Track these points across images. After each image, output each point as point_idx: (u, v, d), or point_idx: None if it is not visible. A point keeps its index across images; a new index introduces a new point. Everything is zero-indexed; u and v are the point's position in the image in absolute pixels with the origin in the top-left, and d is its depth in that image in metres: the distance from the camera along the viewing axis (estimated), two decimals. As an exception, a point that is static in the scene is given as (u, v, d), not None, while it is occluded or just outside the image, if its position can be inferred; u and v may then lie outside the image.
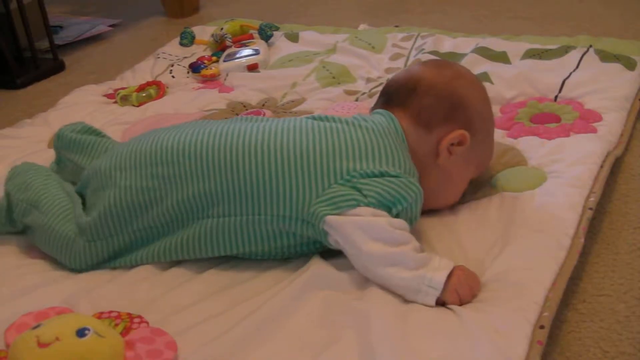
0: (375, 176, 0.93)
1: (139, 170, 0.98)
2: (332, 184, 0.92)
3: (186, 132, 1.00)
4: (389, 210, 0.91)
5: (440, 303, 0.86)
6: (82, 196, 1.04)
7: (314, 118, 1.03)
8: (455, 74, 1.04)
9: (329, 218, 0.90)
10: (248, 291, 0.92)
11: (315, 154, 0.94)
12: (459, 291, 0.86)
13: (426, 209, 0.99)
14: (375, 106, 1.07)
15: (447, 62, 1.11)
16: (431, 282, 0.85)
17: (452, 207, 1.06)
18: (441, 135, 1.00)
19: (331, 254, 0.95)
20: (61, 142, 1.15)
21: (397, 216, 0.92)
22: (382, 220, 0.89)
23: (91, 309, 0.90)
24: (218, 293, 0.92)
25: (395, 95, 1.03)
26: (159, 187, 0.96)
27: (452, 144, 1.00)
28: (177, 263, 0.99)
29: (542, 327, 0.82)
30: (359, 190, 0.91)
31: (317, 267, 0.93)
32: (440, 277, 0.86)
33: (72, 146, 1.14)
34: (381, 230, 0.88)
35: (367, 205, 0.90)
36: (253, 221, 0.94)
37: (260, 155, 0.94)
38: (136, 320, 0.87)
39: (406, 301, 0.87)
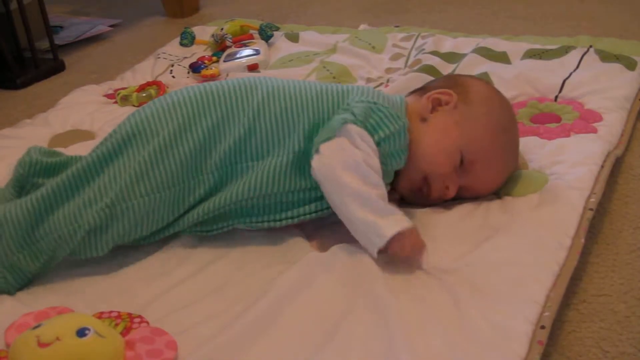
0: (369, 102, 1.00)
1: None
2: (334, 115, 1.00)
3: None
4: (371, 134, 0.97)
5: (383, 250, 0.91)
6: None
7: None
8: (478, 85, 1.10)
9: (322, 145, 0.96)
10: (247, 288, 0.92)
11: (327, 96, 1.03)
12: (405, 241, 0.90)
13: (421, 173, 1.03)
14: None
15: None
16: (380, 232, 0.89)
17: (453, 208, 1.06)
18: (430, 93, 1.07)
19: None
20: (33, 169, 1.03)
21: (378, 143, 0.97)
22: (359, 153, 0.94)
23: (91, 309, 0.90)
24: (217, 291, 0.92)
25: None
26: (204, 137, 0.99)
27: (436, 99, 1.05)
28: (177, 262, 0.99)
29: (542, 327, 0.82)
30: (349, 110, 0.99)
31: (312, 258, 0.95)
32: (389, 231, 0.89)
33: (46, 171, 1.04)
34: (356, 163, 0.93)
35: (355, 123, 0.97)
36: (279, 162, 0.99)
37: (283, 100, 1.02)
38: (136, 320, 0.87)
39: (405, 298, 0.87)
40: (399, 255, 0.91)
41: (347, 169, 0.93)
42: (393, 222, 0.90)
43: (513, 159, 1.08)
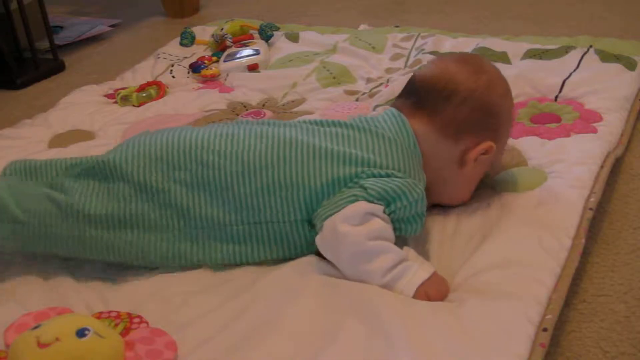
0: (381, 176, 0.93)
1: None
2: (342, 188, 0.93)
3: (197, 137, 0.99)
4: (388, 203, 0.91)
5: None
6: None
7: (321, 124, 1.02)
8: (491, 81, 1.01)
9: (326, 222, 0.90)
10: (247, 288, 0.91)
11: (325, 163, 0.94)
12: (427, 291, 0.87)
13: (436, 203, 1.03)
14: (400, 101, 1.05)
15: (478, 60, 1.06)
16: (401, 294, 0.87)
17: (453, 208, 1.06)
18: (469, 145, 1.00)
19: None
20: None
21: (394, 212, 0.91)
22: (361, 234, 0.88)
23: (91, 309, 0.90)
24: (217, 291, 0.92)
25: (426, 99, 1.00)
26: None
27: (479, 154, 1.00)
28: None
29: (545, 329, 0.82)
30: (362, 186, 0.92)
31: (312, 258, 0.95)
32: (408, 293, 0.87)
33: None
34: (355, 249, 0.88)
35: (365, 199, 0.90)
36: (273, 227, 0.95)
37: (277, 164, 0.95)
38: (136, 320, 0.87)
39: (405, 298, 0.86)
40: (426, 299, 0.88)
41: (350, 258, 0.89)
42: (407, 285, 0.87)
43: None
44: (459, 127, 0.99)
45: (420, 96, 1.01)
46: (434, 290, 0.88)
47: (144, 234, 0.95)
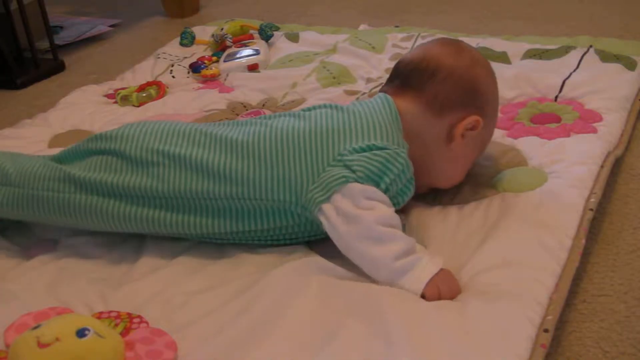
0: (364, 151, 0.95)
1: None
2: (326, 167, 0.94)
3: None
4: (377, 183, 0.93)
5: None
6: None
7: (303, 110, 1.05)
8: (473, 59, 1.05)
9: (323, 206, 0.92)
10: (246, 288, 0.92)
11: (308, 140, 0.96)
12: (440, 287, 0.88)
13: (432, 187, 1.04)
14: (386, 86, 1.07)
15: (460, 43, 1.09)
16: (410, 288, 0.87)
17: (453, 208, 1.06)
18: (454, 121, 1.01)
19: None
20: None
21: (386, 189, 0.93)
22: (369, 217, 0.89)
23: (91, 309, 0.90)
24: (216, 291, 0.92)
25: (410, 78, 1.03)
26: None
27: (466, 129, 1.01)
28: (176, 262, 0.99)
29: (546, 330, 0.82)
30: (348, 167, 0.93)
31: (308, 255, 0.95)
32: (418, 287, 0.87)
33: None
34: (368, 230, 0.89)
35: (356, 180, 0.92)
36: (258, 205, 0.96)
37: (258, 146, 0.97)
38: (136, 320, 0.87)
39: (405, 298, 0.86)
40: (437, 293, 0.88)
41: (361, 239, 0.89)
42: (417, 280, 0.88)
43: None
44: (443, 102, 1.01)
45: (404, 77, 1.04)
46: (446, 287, 0.88)
47: (131, 205, 0.98)
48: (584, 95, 1.35)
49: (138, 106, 1.51)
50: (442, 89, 1.01)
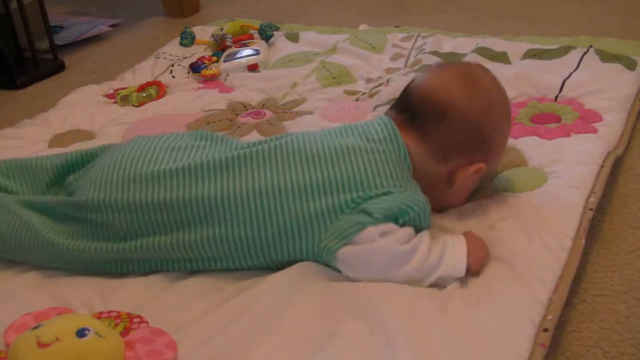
0: (380, 196, 0.91)
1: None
2: (339, 215, 0.90)
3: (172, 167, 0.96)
4: (395, 220, 0.90)
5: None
6: None
7: (305, 142, 0.98)
8: (489, 103, 0.99)
9: (340, 252, 0.89)
10: (246, 289, 0.91)
11: (319, 191, 0.91)
12: (477, 254, 0.90)
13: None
14: (393, 114, 1.02)
15: (477, 79, 1.00)
16: (453, 276, 0.89)
17: (451, 209, 1.06)
18: (457, 165, 0.99)
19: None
20: None
21: (403, 225, 0.91)
22: (387, 246, 0.88)
23: (91, 309, 0.90)
24: (216, 291, 0.92)
25: (419, 117, 0.98)
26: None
27: (467, 176, 1.00)
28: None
29: (545, 330, 0.82)
30: (364, 211, 0.90)
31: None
32: (458, 271, 0.88)
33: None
34: (389, 260, 0.88)
35: (373, 223, 0.88)
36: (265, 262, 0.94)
37: (265, 202, 0.91)
38: (136, 320, 0.87)
39: (405, 299, 0.86)
40: (479, 264, 0.90)
41: (386, 271, 0.88)
42: (453, 261, 0.89)
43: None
44: (451, 148, 0.98)
45: (414, 113, 0.99)
46: (481, 251, 0.91)
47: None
48: (584, 95, 1.35)
49: (138, 106, 1.51)
50: (452, 136, 0.97)
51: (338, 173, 0.92)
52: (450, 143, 0.97)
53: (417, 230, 0.92)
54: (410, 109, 1.00)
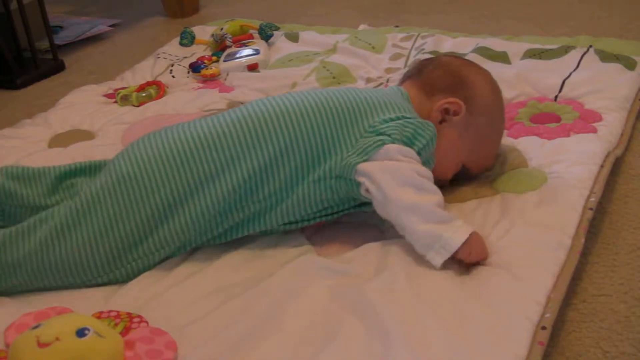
0: (395, 120, 0.99)
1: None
2: (359, 139, 0.98)
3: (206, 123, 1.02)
4: (411, 145, 0.97)
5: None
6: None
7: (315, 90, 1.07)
8: (470, 62, 1.14)
9: (360, 166, 0.95)
10: (246, 289, 0.92)
11: (342, 114, 0.99)
12: (472, 248, 0.91)
13: None
14: (399, 82, 1.15)
15: (474, 64, 1.15)
16: (446, 243, 0.89)
17: (454, 208, 1.06)
18: (439, 101, 1.05)
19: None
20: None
21: (418, 153, 0.97)
22: (408, 166, 0.94)
23: (91, 309, 0.90)
24: (216, 291, 0.92)
25: (414, 70, 1.13)
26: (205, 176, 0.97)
27: (446, 109, 1.04)
28: (176, 262, 0.99)
29: (543, 328, 0.82)
30: (382, 133, 0.97)
31: (310, 260, 0.95)
32: (456, 241, 0.89)
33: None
34: (408, 177, 0.93)
35: (393, 142, 0.96)
36: (297, 196, 0.98)
37: (296, 119, 0.98)
38: (136, 320, 0.87)
39: (405, 298, 0.87)
40: (463, 261, 0.91)
41: (403, 185, 0.93)
42: (457, 232, 0.90)
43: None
44: (433, 84, 1.07)
45: (412, 70, 1.13)
46: (477, 248, 0.92)
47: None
48: (583, 95, 1.35)
49: (138, 106, 1.51)
50: (433, 74, 1.09)
51: (356, 101, 1.01)
52: (433, 79, 1.08)
53: (425, 163, 0.98)
54: (410, 70, 1.14)
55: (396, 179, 0.93)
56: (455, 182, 1.10)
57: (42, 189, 1.04)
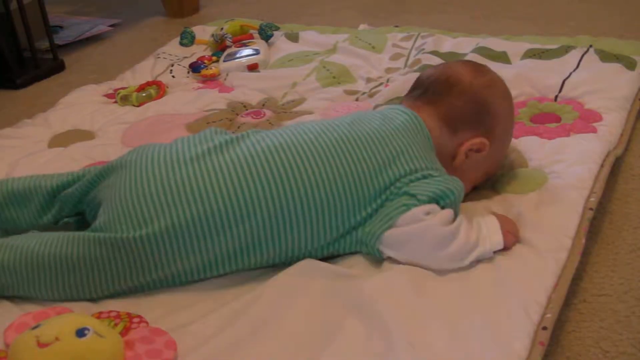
0: (421, 179, 0.95)
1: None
2: (384, 200, 0.93)
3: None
4: (437, 202, 0.94)
5: None
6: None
7: (335, 129, 0.99)
8: (490, 81, 1.06)
9: (386, 235, 0.91)
10: (246, 289, 0.91)
11: (358, 173, 0.94)
12: (508, 229, 0.94)
13: None
14: (405, 99, 1.08)
15: (483, 66, 1.10)
16: (491, 251, 0.92)
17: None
18: (464, 139, 1.02)
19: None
20: None
21: (443, 208, 0.94)
22: (434, 224, 0.90)
23: (90, 309, 0.90)
24: (216, 292, 0.92)
25: (429, 90, 1.05)
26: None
27: (471, 150, 1.02)
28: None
29: (544, 328, 0.82)
30: (407, 193, 0.93)
31: (311, 261, 0.94)
32: (496, 244, 0.92)
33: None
34: (434, 235, 0.90)
35: (417, 205, 0.92)
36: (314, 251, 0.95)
37: (305, 187, 0.92)
38: (135, 320, 0.87)
39: (405, 299, 0.86)
40: (513, 238, 0.95)
41: (430, 250, 0.90)
42: (488, 241, 0.92)
43: None
44: (456, 117, 1.02)
45: (424, 88, 1.06)
46: (511, 226, 0.95)
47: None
48: (583, 95, 1.35)
49: (138, 106, 1.51)
50: (456, 104, 1.02)
51: (379, 157, 0.95)
52: (457, 111, 1.02)
53: (454, 213, 0.95)
54: (420, 86, 1.07)
55: (423, 250, 0.91)
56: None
57: (34, 208, 1.01)
